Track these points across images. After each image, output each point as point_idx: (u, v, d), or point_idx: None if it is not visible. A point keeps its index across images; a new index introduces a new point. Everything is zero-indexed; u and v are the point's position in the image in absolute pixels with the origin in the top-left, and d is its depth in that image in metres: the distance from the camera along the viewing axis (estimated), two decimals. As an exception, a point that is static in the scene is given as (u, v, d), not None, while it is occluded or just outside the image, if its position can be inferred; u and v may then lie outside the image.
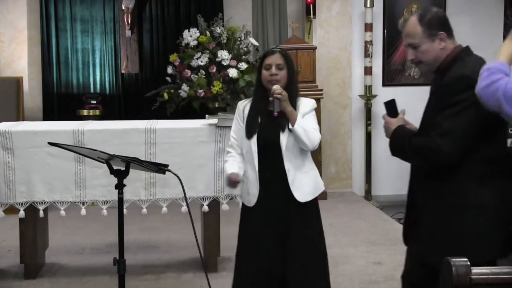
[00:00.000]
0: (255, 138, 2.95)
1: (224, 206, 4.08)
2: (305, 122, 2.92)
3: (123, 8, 7.16)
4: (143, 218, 4.36)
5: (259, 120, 2.97)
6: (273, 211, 2.95)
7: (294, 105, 2.95)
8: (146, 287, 3.98)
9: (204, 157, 4.02)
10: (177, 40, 6.78)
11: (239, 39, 6.69)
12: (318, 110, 3.19)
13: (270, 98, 2.90)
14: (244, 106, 3.08)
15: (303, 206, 2.96)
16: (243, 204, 3.11)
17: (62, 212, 3.98)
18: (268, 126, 2.95)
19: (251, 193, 2.99)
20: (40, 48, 7.14)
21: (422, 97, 2.63)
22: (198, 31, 6.64)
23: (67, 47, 7.22)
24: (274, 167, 2.94)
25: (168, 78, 6.73)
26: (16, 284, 4.01)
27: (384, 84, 7.17)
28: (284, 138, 2.92)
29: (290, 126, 2.88)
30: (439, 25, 2.24)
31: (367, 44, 6.86)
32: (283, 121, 2.92)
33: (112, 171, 2.59)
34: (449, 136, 2.14)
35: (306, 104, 3.02)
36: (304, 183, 2.96)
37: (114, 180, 2.60)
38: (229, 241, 4.37)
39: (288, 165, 2.92)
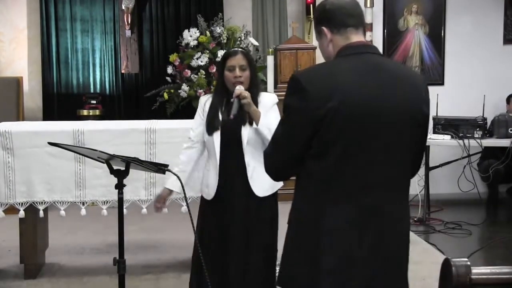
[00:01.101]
0: (218, 134, 2.98)
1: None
2: (269, 120, 2.93)
3: (123, 8, 7.16)
4: (143, 218, 4.35)
5: (220, 117, 3.00)
6: (233, 206, 2.98)
7: (255, 101, 2.98)
8: (146, 287, 3.98)
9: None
10: (177, 40, 6.79)
11: (239, 39, 6.69)
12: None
13: (232, 100, 2.89)
14: (205, 101, 3.11)
15: (263, 201, 2.98)
16: (202, 198, 3.12)
17: (62, 212, 3.97)
18: (229, 122, 2.97)
19: (210, 186, 3.02)
20: (40, 48, 7.15)
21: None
22: (198, 31, 6.65)
23: (67, 47, 7.23)
24: (235, 161, 2.97)
25: (168, 78, 6.73)
26: (16, 284, 4.00)
27: (384, 84, 7.17)
28: (245, 132, 2.95)
29: (255, 126, 2.91)
30: (321, 19, 1.93)
31: (367, 44, 6.86)
32: (244, 115, 2.94)
33: (112, 171, 2.58)
34: (272, 144, 1.92)
35: (267, 99, 3.05)
36: (263, 178, 2.95)
37: (114, 180, 2.60)
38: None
39: (248, 159, 2.95)
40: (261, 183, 2.96)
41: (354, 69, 1.81)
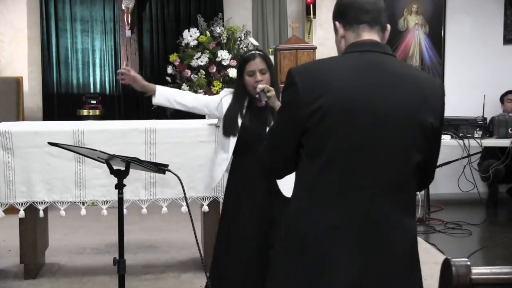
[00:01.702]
0: (235, 138, 3.01)
1: (224, 206, 4.08)
2: None
3: (123, 8, 7.16)
4: (143, 218, 4.35)
5: (239, 120, 3.01)
6: (258, 207, 2.98)
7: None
8: (146, 287, 3.98)
9: (204, 157, 4.01)
10: (177, 40, 6.79)
11: (239, 39, 6.69)
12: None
13: (257, 96, 2.92)
14: (224, 96, 3.15)
15: (288, 201, 2.98)
16: (225, 198, 3.17)
17: (62, 212, 3.98)
18: (253, 122, 2.99)
19: (214, 178, 3.10)
20: (40, 48, 7.14)
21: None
22: (198, 31, 6.65)
23: (67, 47, 7.23)
24: (257, 162, 2.95)
25: (168, 78, 6.73)
26: (16, 284, 4.00)
27: (384, 84, 7.16)
28: None
29: None
30: (336, 14, 1.83)
31: (367, 44, 6.86)
32: (267, 115, 2.95)
33: (112, 171, 2.58)
34: (267, 139, 1.87)
35: None
36: (289, 176, 2.96)
37: (114, 180, 2.60)
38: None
39: None
40: (288, 182, 2.94)
41: (352, 66, 1.71)
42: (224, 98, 3.12)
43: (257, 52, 3.05)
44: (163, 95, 3.25)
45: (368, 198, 1.66)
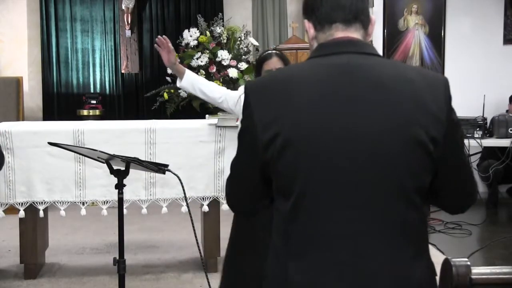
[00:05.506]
0: None
1: (224, 206, 4.07)
2: None
3: (123, 8, 7.16)
4: (143, 218, 4.35)
5: None
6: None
7: None
8: (146, 287, 3.98)
9: (204, 157, 4.02)
10: (177, 40, 6.79)
11: (239, 39, 6.70)
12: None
13: None
14: (242, 93, 3.09)
15: None
16: None
17: (62, 212, 3.98)
18: None
19: None
20: (40, 48, 7.15)
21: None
22: (198, 31, 6.65)
23: (67, 47, 7.23)
24: None
25: (168, 78, 6.73)
26: (16, 284, 4.01)
27: (384, 84, 7.16)
28: None
29: None
30: (305, 10, 1.47)
31: (367, 44, 6.87)
32: None
33: (112, 171, 2.59)
34: (230, 173, 1.52)
35: None
36: None
37: (114, 180, 2.60)
38: (229, 241, 4.38)
39: None
40: None
41: (319, 75, 1.35)
42: (242, 96, 3.08)
43: (274, 51, 3.04)
44: (190, 80, 3.19)
45: (357, 244, 1.31)
